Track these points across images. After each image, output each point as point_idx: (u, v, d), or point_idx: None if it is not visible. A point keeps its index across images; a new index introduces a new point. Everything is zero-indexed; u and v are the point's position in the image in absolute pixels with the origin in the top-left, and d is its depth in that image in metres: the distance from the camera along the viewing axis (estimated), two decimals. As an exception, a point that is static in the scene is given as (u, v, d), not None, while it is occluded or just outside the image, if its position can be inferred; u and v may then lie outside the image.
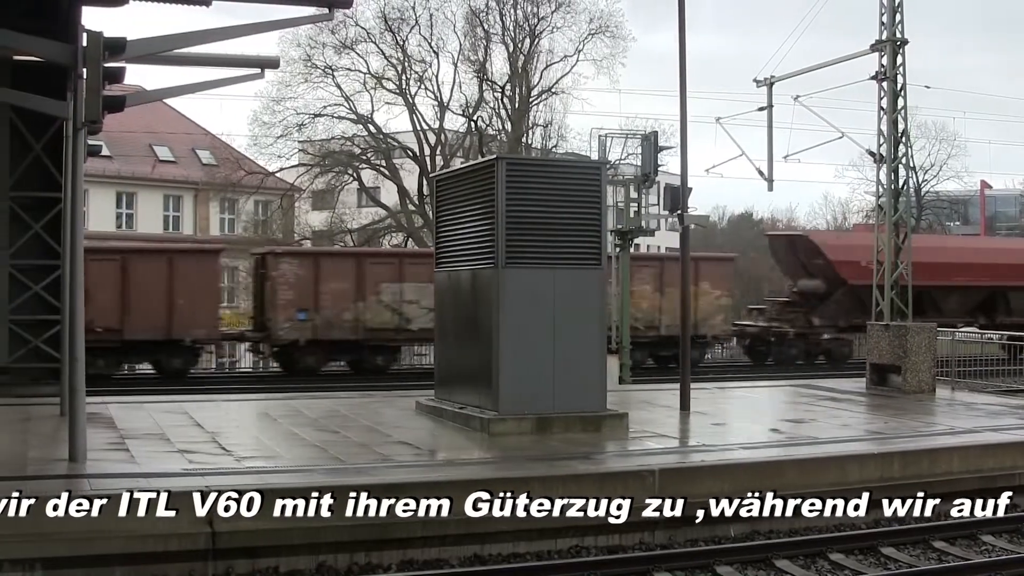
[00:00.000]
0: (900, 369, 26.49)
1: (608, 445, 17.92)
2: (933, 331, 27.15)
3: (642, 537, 14.80)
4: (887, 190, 28.23)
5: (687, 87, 22.73)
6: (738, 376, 39.74)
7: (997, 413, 22.68)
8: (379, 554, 13.44)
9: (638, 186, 36.96)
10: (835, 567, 14.11)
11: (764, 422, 20.84)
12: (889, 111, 27.88)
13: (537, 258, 18.85)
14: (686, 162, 23.14)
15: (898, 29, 27.68)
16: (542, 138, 63.96)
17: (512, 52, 62.22)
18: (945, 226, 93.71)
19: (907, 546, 15.03)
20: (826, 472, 16.55)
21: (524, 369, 18.73)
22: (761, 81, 35.43)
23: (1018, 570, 13.85)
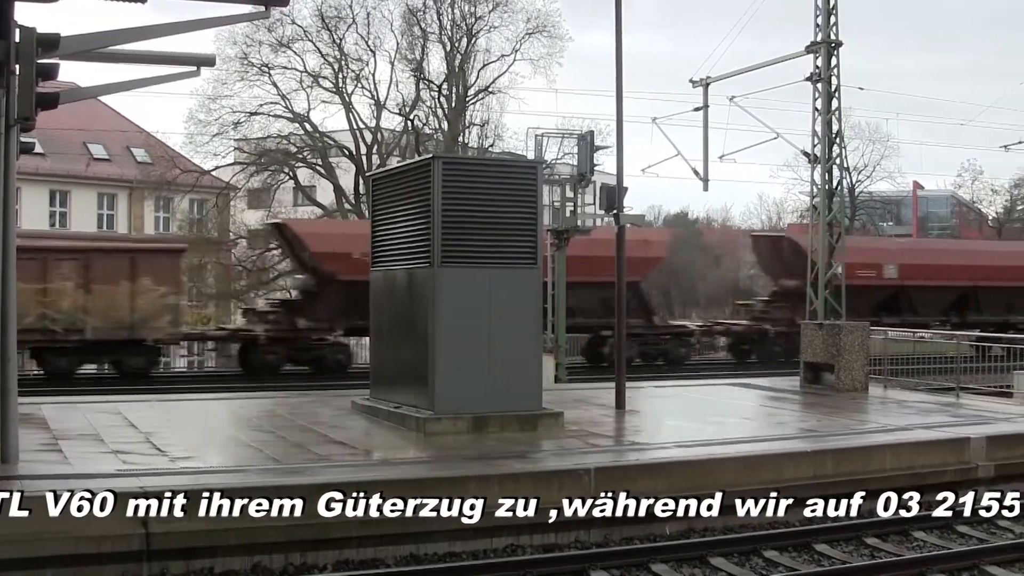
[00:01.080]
0: (834, 368, 26.71)
1: (544, 444, 17.95)
2: (866, 330, 27.40)
3: (578, 535, 14.85)
4: (821, 190, 28.46)
5: (623, 87, 22.81)
6: (675, 375, 39.85)
7: (928, 411, 22.91)
8: (315, 554, 13.41)
9: (574, 185, 37.06)
10: (769, 564, 14.22)
11: (700, 421, 20.94)
12: (823, 112, 28.11)
13: (473, 257, 18.87)
14: (622, 162, 23.23)
15: (833, 31, 27.92)
16: (479, 137, 63.97)
17: (449, 51, 62.17)
18: (878, 226, 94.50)
19: (840, 543, 15.18)
20: (761, 470, 16.65)
21: (460, 368, 18.73)
22: (697, 82, 35.62)
23: (950, 565, 14.04)
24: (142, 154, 71.45)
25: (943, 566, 13.97)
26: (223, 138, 60.82)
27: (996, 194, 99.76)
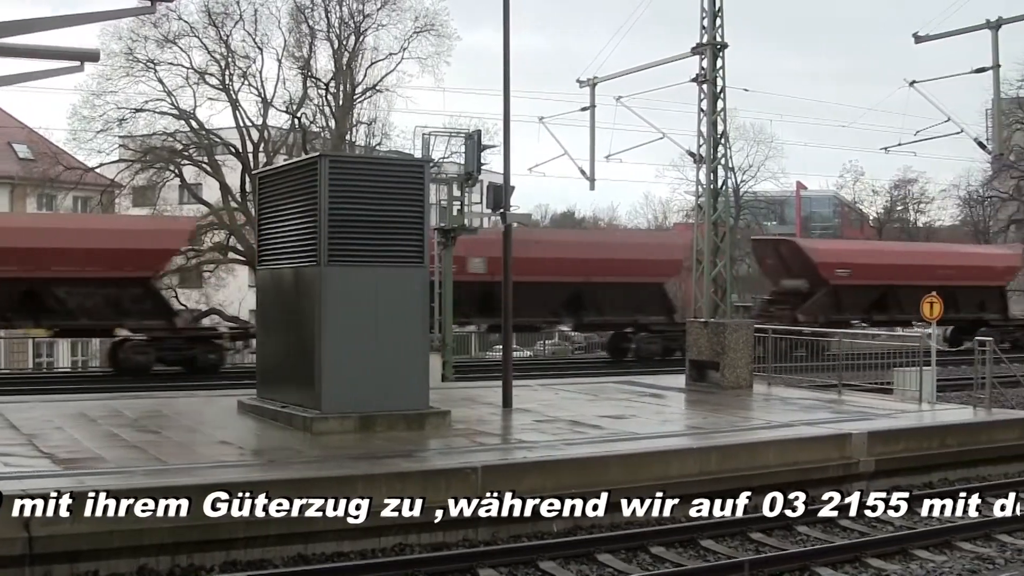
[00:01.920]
0: (719, 365, 27.01)
1: (431, 443, 17.93)
2: (750, 328, 27.76)
3: (466, 534, 14.86)
4: (706, 190, 28.74)
5: (511, 86, 22.87)
6: (564, 373, 40.01)
7: (811, 407, 23.25)
8: (202, 555, 13.28)
9: (461, 184, 37.07)
10: (656, 560, 14.35)
11: (587, 419, 21.03)
12: (709, 113, 28.40)
13: (360, 256, 18.80)
14: (509, 161, 23.28)
15: (718, 33, 28.21)
16: (366, 136, 63.72)
17: (337, 49, 61.83)
18: (762, 225, 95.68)
19: (726, 538, 15.36)
20: (648, 467, 16.78)
21: (347, 367, 18.66)
22: (584, 82, 35.89)
23: (836, 557, 14.27)
24: (24, 150, 70.06)
25: (827, 559, 14.21)
26: (108, 135, 59.87)
27: (877, 195, 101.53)
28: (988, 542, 15.40)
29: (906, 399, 24.47)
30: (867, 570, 14.04)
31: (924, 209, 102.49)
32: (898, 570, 13.87)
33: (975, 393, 24.41)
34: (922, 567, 13.95)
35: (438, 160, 38.54)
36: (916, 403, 23.81)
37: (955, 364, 38.32)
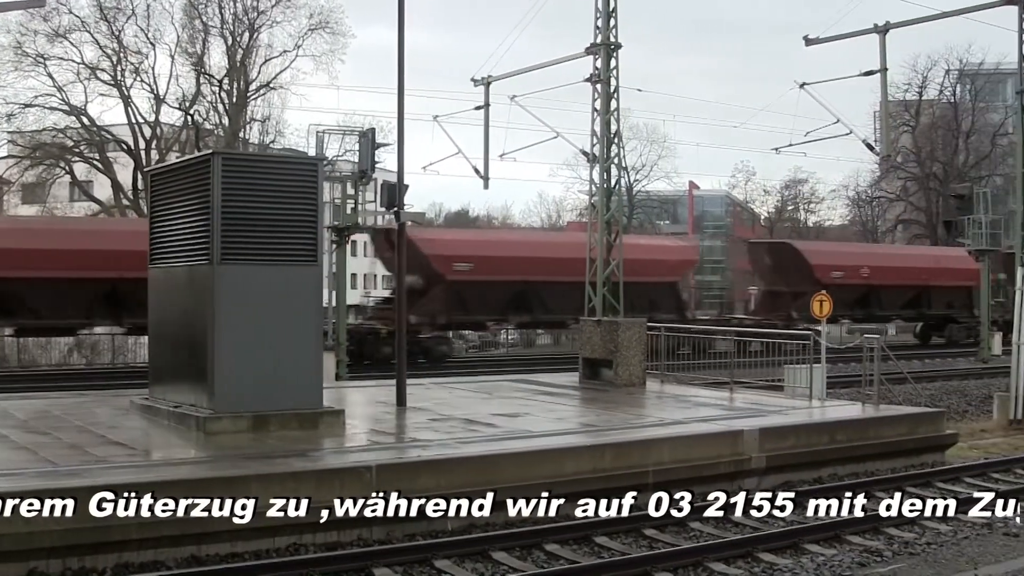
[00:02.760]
0: (612, 363, 27.15)
1: (325, 442, 17.83)
2: (643, 326, 27.93)
3: (360, 533, 14.81)
4: (600, 189, 28.89)
5: (405, 84, 22.81)
6: (456, 372, 39.98)
7: (703, 404, 23.47)
8: (94, 558, 13.10)
9: (355, 183, 36.98)
10: (551, 557, 14.40)
11: (481, 417, 21.05)
12: (602, 112, 28.55)
13: (253, 254, 18.63)
14: (403, 159, 23.21)
15: (612, 33, 28.37)
16: (260, 133, 63.43)
17: (231, 46, 61.42)
18: (656, 225, 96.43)
19: (620, 535, 15.45)
20: (542, 465, 16.83)
21: (240, 366, 18.48)
22: (479, 80, 35.87)
23: (728, 553, 14.42)
24: (-92, 145, 68.73)
25: (720, 555, 14.35)
26: (-5, 130, 59.04)
27: (768, 194, 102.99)
28: (876, 535, 15.66)
29: (797, 396, 24.78)
30: (759, 564, 14.21)
31: (814, 209, 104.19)
32: (789, 564, 14.04)
33: (864, 390, 24.76)
34: (812, 560, 14.15)
35: (332, 158, 38.40)
36: (807, 400, 24.12)
37: (844, 361, 38.84)
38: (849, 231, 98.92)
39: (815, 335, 25.05)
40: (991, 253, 52.13)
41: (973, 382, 39.45)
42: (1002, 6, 30.27)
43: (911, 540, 15.20)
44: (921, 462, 21.61)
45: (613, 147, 28.81)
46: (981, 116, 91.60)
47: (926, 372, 42.02)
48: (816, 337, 24.95)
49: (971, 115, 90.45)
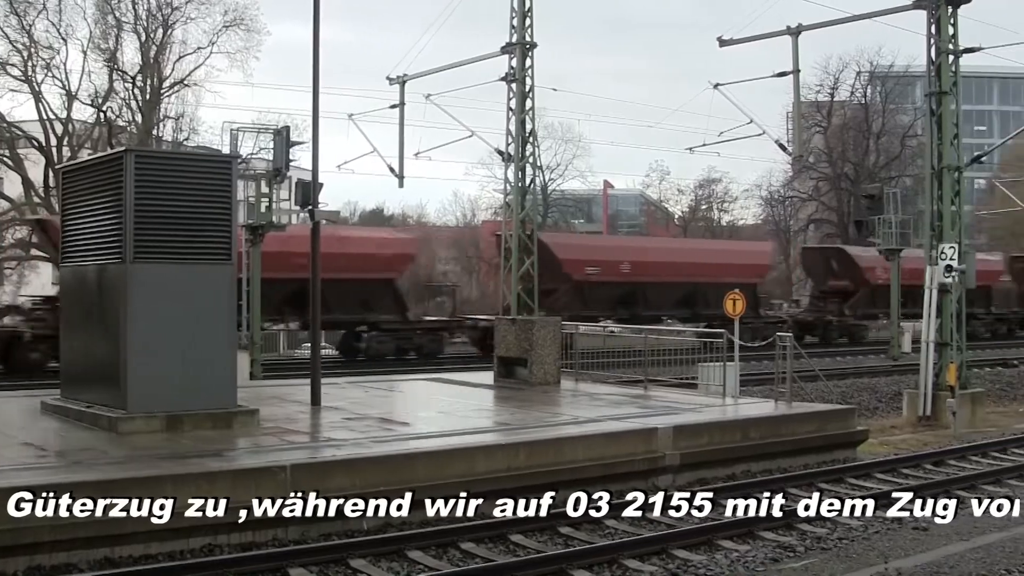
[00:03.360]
0: (527, 362, 27.21)
1: (240, 442, 17.71)
2: (558, 325, 28.03)
3: (276, 533, 14.73)
4: (515, 188, 28.95)
5: (320, 82, 22.67)
6: (373, 370, 39.85)
7: (618, 402, 23.57)
8: (3, 561, 12.91)
9: (270, 181, 36.77)
10: (467, 556, 14.41)
11: (396, 416, 21.04)
12: (517, 111, 28.61)
13: (167, 253, 18.45)
14: (317, 157, 23.11)
15: (528, 33, 28.43)
16: (174, 131, 62.86)
17: (144, 42, 60.77)
18: (570, 223, 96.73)
19: (535, 533, 15.49)
20: (455, 464, 16.83)
21: (153, 366, 18.29)
22: (394, 79, 35.82)
23: (643, 549, 14.49)
24: None
25: (635, 551, 14.43)
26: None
27: (682, 194, 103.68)
28: (789, 531, 15.82)
29: (710, 394, 24.97)
30: (673, 561, 14.30)
31: (728, 208, 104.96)
32: (704, 560, 14.14)
33: (776, 387, 25.00)
34: (727, 556, 14.26)
35: (246, 156, 38.19)
36: (720, 397, 24.31)
37: (757, 359, 39.20)
38: (762, 230, 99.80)
39: (728, 333, 25.24)
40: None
41: (883, 379, 39.90)
42: (912, 10, 30.69)
43: (823, 535, 15.37)
44: (833, 458, 21.87)
45: (528, 146, 28.88)
46: (891, 118, 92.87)
47: (837, 369, 42.48)
48: (729, 335, 25.14)
49: (881, 116, 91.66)
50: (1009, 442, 24.94)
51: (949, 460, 22.58)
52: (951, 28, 30.23)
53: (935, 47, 30.41)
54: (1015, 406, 37.26)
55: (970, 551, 13.95)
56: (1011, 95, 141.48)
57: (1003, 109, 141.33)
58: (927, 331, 30.46)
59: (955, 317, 30.58)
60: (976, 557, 13.58)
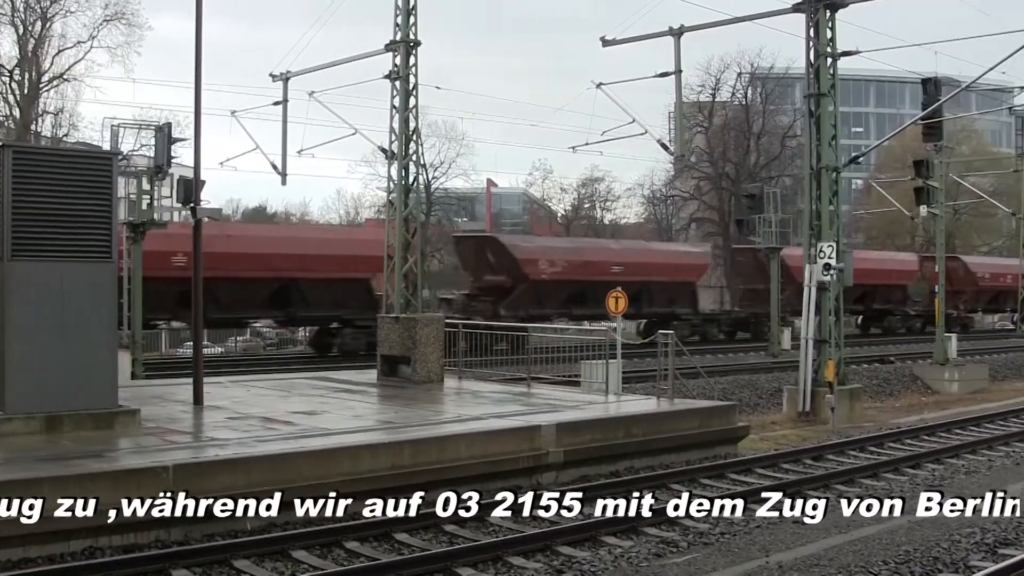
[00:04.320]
0: (410, 360, 27.19)
1: (121, 442, 17.49)
2: (441, 322, 28.04)
3: (159, 534, 14.59)
4: (398, 186, 28.90)
5: (202, 78, 22.45)
6: (255, 369, 39.55)
7: (501, 400, 23.65)
8: None
9: (151, 178, 36.33)
10: (351, 555, 14.39)
11: (279, 415, 20.89)
12: (401, 110, 28.57)
13: (46, 251, 18.14)
14: (199, 154, 22.89)
15: (412, 31, 28.40)
16: (53, 126, 61.57)
17: (22, 35, 59.55)
18: (454, 222, 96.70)
19: (420, 531, 15.51)
20: (339, 463, 16.79)
21: (32, 365, 17.99)
22: (277, 76, 35.62)
23: (528, 547, 14.56)
24: None
25: (519, 548, 14.50)
26: None
27: (565, 192, 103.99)
28: (672, 527, 15.99)
29: (593, 391, 25.15)
30: (558, 558, 14.40)
31: (610, 207, 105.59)
32: (588, 557, 14.25)
33: (658, 384, 25.24)
34: (610, 552, 14.38)
35: (127, 153, 37.61)
36: (603, 395, 24.49)
37: (640, 356, 39.53)
38: (644, 229, 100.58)
39: (611, 331, 25.44)
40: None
41: (764, 376, 40.49)
42: (791, 13, 31.19)
43: (706, 531, 15.57)
44: (715, 454, 22.15)
45: (411, 144, 28.85)
46: (771, 118, 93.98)
47: (719, 366, 42.99)
48: (612, 333, 25.33)
49: (762, 117, 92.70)
50: (885, 437, 25.46)
51: (828, 455, 23.00)
52: (829, 32, 30.79)
53: (814, 50, 30.95)
54: (891, 402, 38.07)
55: (848, 544, 14.23)
56: (887, 98, 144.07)
57: (879, 111, 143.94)
58: (807, 330, 30.95)
59: (834, 313, 31.11)
60: (854, 550, 13.86)
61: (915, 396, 40.12)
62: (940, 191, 45.70)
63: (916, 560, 13.32)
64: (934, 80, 34.87)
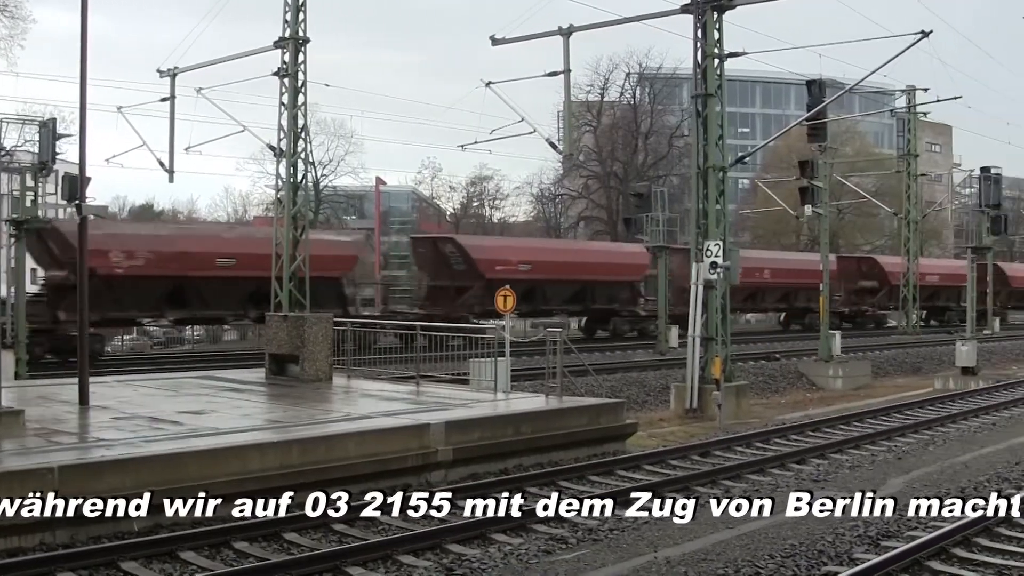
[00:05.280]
0: (299, 359, 27.08)
1: (5, 444, 17.19)
2: (329, 321, 27.95)
3: (43, 537, 14.39)
4: (286, 184, 28.79)
5: (87, 73, 22.17)
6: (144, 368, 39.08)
7: (391, 399, 23.64)
8: None
9: (35, 174, 35.79)
10: (240, 555, 14.31)
11: (167, 415, 20.70)
12: (290, 107, 28.45)
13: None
14: (85, 151, 22.59)
15: (301, 27, 28.27)
16: (-70, 122, 60.42)
17: None
18: (342, 220, 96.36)
19: (309, 531, 15.46)
20: (228, 463, 16.68)
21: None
22: (165, 71, 35.23)
23: (417, 545, 14.58)
24: None
25: (409, 547, 14.52)
26: None
27: (454, 191, 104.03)
28: (561, 524, 16.08)
29: (482, 389, 25.21)
30: (448, 556, 14.44)
31: (499, 205, 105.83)
32: (478, 555, 14.30)
33: (547, 382, 25.37)
34: (500, 550, 14.44)
35: (10, 149, 37.04)
36: (492, 393, 24.56)
37: (529, 354, 39.66)
38: (533, 227, 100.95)
39: (500, 329, 25.53)
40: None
41: (652, 373, 40.74)
42: (680, 14, 31.51)
43: (595, 527, 15.67)
44: (604, 451, 22.31)
45: (300, 142, 28.74)
46: (659, 118, 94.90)
47: (607, 364, 43.19)
48: (501, 331, 25.43)
49: (650, 117, 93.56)
50: (771, 433, 25.83)
51: (715, 451, 23.28)
52: (717, 33, 31.17)
53: (701, 51, 31.31)
54: (776, 398, 38.58)
55: (736, 538, 14.42)
56: (773, 99, 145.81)
57: (766, 112, 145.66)
58: (694, 327, 31.28)
59: (720, 311, 31.50)
60: (742, 544, 14.06)
61: (800, 393, 40.67)
62: (824, 191, 46.42)
63: (802, 553, 13.56)
64: (819, 82, 35.55)
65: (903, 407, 32.09)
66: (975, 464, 21.14)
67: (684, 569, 12.89)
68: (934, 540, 14.10)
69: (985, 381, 41.33)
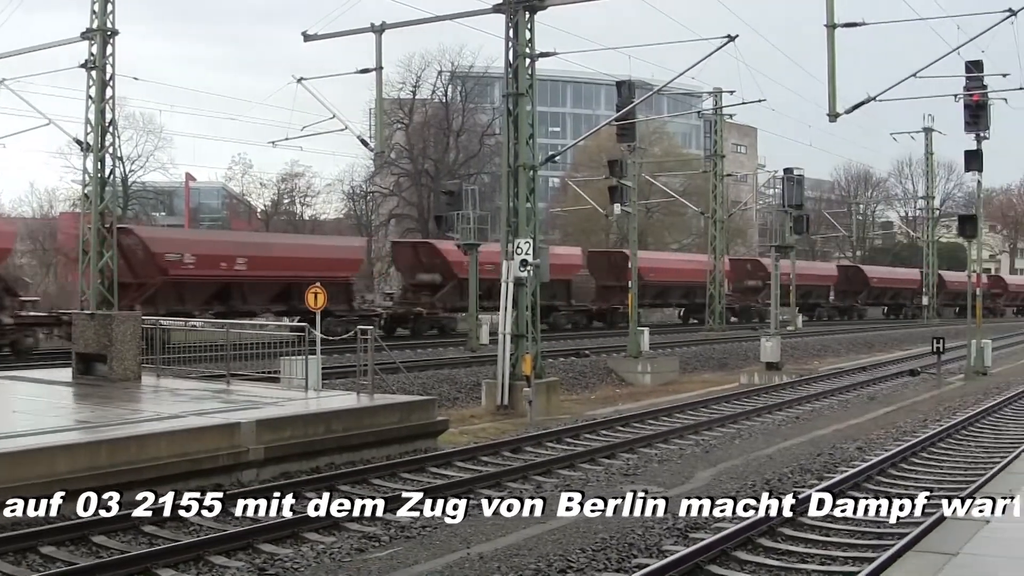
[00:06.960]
0: (107, 358, 26.61)
1: None
2: (138, 320, 27.53)
3: None
4: (94, 179, 28.30)
5: None
6: None
7: (201, 398, 23.39)
8: None
9: None
10: (47, 560, 14.03)
11: (-32, 415, 20.23)
12: (97, 100, 28.00)
13: None
14: None
15: (110, 19, 27.79)
16: None
17: None
18: (151, 216, 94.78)
19: (119, 533, 15.23)
20: (34, 465, 16.30)
21: None
22: (-37, 62, 34.29)
23: (230, 545, 14.48)
24: None
25: (220, 547, 14.42)
26: None
27: (265, 187, 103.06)
28: (374, 522, 16.12)
29: (293, 387, 25.08)
30: (260, 555, 14.37)
31: (310, 202, 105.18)
32: (290, 554, 14.28)
33: (359, 380, 25.36)
34: (312, 549, 14.45)
35: None
36: (303, 391, 24.46)
37: (340, 352, 39.57)
38: (344, 224, 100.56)
39: (310, 327, 25.44)
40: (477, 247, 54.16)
41: (463, 370, 40.92)
42: (492, 13, 31.75)
43: (407, 524, 15.76)
44: (415, 448, 22.41)
45: (108, 136, 28.27)
46: (471, 116, 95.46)
47: (419, 361, 43.26)
48: (311, 329, 25.34)
49: (461, 115, 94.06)
50: (581, 428, 26.24)
51: (526, 447, 23.56)
52: (528, 33, 31.50)
53: (513, 50, 31.60)
54: (587, 394, 39.11)
55: (547, 533, 14.67)
56: (584, 99, 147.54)
57: (576, 112, 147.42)
58: (504, 323, 31.55)
59: (531, 309, 31.82)
60: (553, 539, 14.30)
61: (610, 388, 41.28)
62: (633, 190, 47.22)
63: (612, 547, 13.85)
64: (628, 83, 36.14)
65: (710, 402, 32.89)
66: (779, 456, 21.79)
67: (497, 564, 13.05)
68: (740, 531, 14.56)
69: (789, 376, 42.62)
